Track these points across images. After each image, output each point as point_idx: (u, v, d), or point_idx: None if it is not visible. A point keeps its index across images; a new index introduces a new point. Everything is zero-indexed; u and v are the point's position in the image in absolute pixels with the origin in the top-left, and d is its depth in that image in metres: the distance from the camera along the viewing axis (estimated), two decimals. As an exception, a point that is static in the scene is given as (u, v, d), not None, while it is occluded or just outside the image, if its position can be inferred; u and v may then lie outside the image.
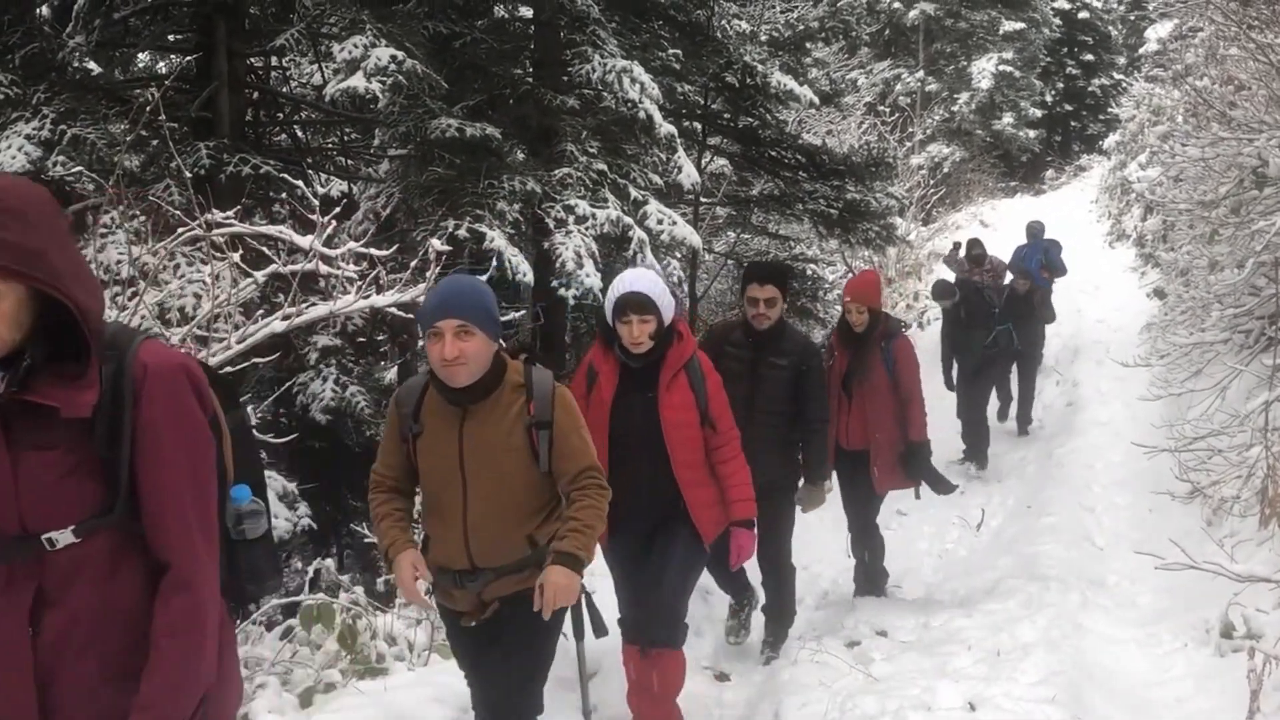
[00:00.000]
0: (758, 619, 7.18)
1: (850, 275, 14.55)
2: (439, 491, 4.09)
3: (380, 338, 11.09)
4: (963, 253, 15.59)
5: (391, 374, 15.65)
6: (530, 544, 4.07)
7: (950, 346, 12.73)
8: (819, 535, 9.68)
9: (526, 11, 11.70)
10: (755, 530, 5.48)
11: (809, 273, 16.70)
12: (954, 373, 12.76)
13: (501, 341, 4.03)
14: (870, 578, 8.00)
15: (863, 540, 7.92)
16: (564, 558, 3.91)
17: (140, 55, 12.65)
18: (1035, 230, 15.86)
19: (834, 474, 7.59)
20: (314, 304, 6.80)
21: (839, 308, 18.42)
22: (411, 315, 6.94)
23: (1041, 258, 14.99)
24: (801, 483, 6.78)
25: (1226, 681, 5.66)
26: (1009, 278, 15.04)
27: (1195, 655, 6.24)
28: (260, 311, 7.44)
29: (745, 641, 7.09)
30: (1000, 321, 13.00)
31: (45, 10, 10.25)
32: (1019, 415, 13.74)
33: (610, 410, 5.18)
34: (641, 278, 5.15)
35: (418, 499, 4.38)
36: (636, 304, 5.03)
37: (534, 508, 4.08)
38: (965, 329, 12.46)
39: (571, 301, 9.71)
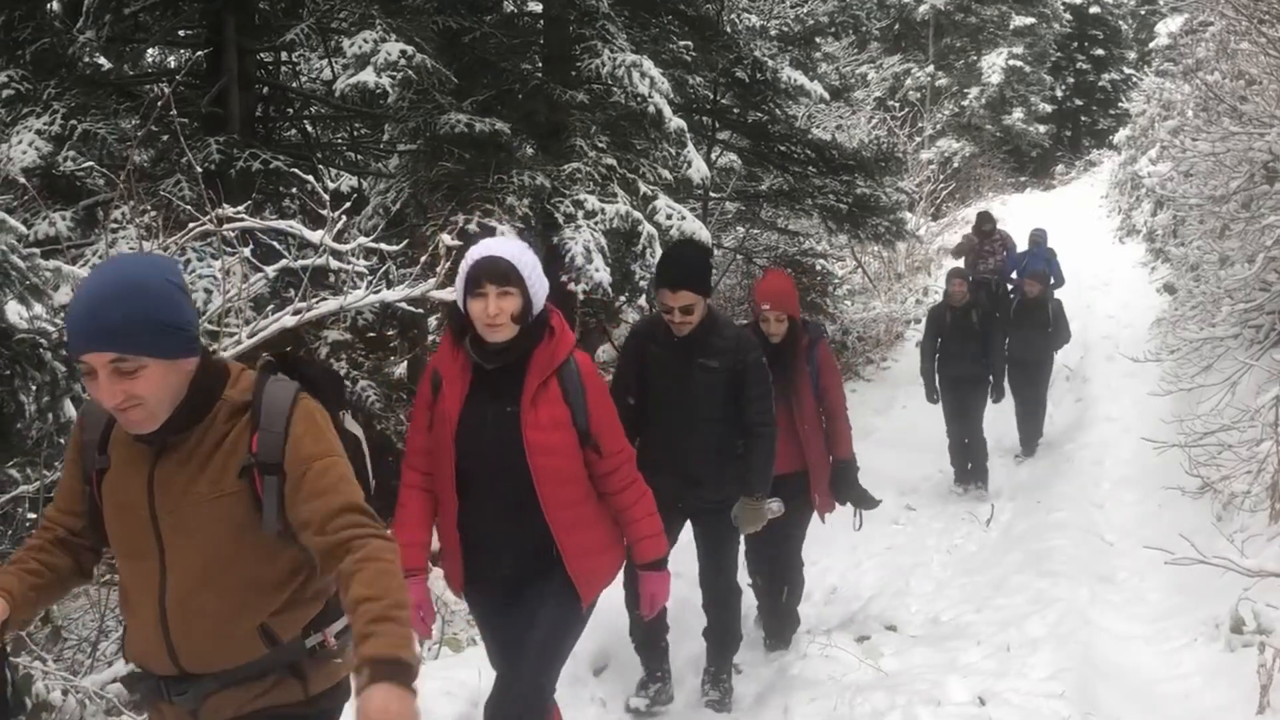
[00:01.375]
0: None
1: (764, 276, 13.50)
2: (128, 560, 2.83)
3: (390, 332, 11.08)
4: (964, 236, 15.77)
5: (401, 368, 15.66)
6: (266, 639, 2.79)
7: (933, 353, 11.32)
8: (828, 530, 9.68)
9: (535, 6, 11.69)
10: (667, 570, 4.43)
11: (818, 268, 16.68)
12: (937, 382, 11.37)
13: (213, 346, 3.07)
14: (782, 619, 6.89)
15: (782, 575, 6.80)
16: (384, 668, 2.40)
17: (150, 50, 12.66)
18: (1038, 238, 15.67)
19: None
20: (324, 299, 6.80)
21: (848, 304, 18.55)
22: (422, 310, 6.97)
23: (1044, 267, 14.35)
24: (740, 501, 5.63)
25: (1236, 676, 5.66)
26: (998, 281, 14.96)
27: (1205, 650, 6.24)
28: (271, 306, 7.45)
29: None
30: (1010, 328, 12.30)
31: (55, 6, 10.25)
32: (1023, 436, 12.64)
33: (455, 428, 3.99)
34: (506, 244, 4.02)
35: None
36: (495, 272, 3.84)
37: (268, 584, 2.80)
38: (959, 336, 11.11)
39: (581, 296, 9.71)
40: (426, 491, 4.11)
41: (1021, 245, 16.39)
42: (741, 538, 5.92)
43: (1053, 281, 13.97)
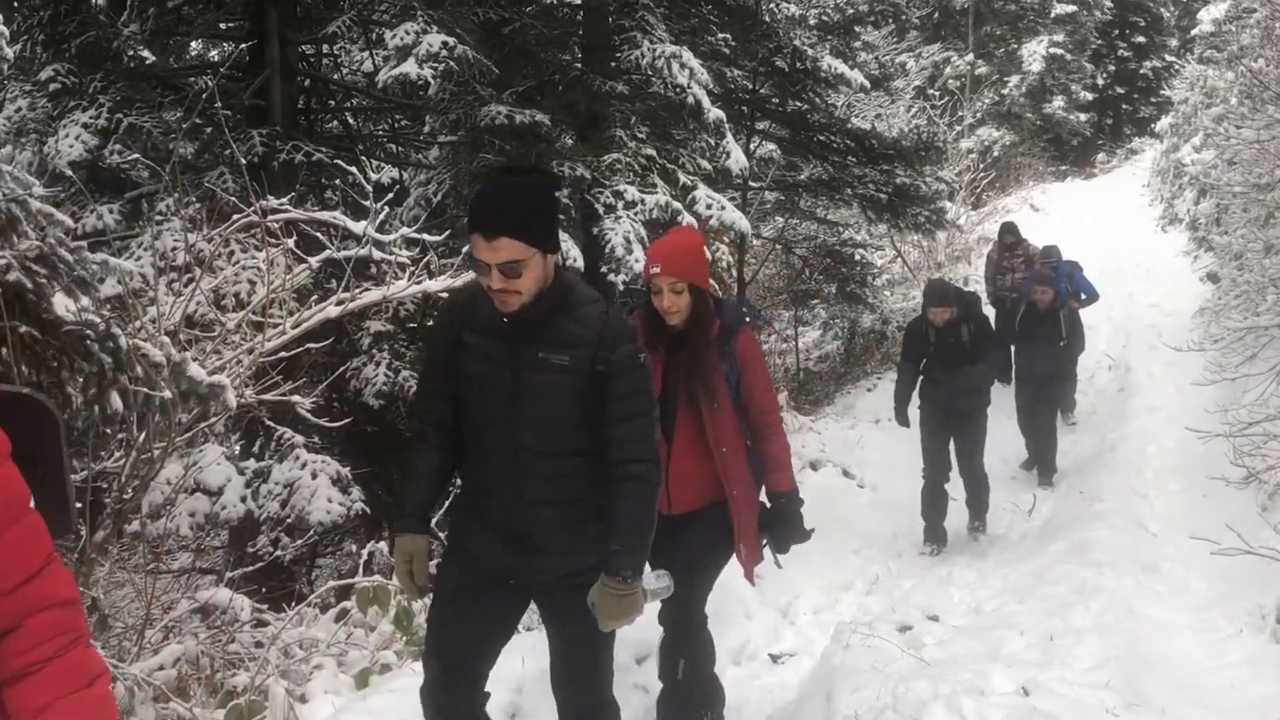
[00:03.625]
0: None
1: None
2: None
3: (431, 322, 11.14)
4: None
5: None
6: None
7: (913, 378, 9.35)
8: (867, 518, 9.69)
9: (575, -3, 11.72)
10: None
11: (858, 258, 16.64)
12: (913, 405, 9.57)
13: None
14: (687, 698, 5.02)
15: (679, 644, 4.96)
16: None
17: (193, 43, 12.77)
18: (1050, 253, 13.77)
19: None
20: (367, 289, 6.85)
21: (888, 294, 18.46)
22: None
23: (1066, 285, 12.81)
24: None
25: (1283, 667, 5.63)
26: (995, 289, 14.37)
27: (1250, 641, 6.21)
28: (314, 297, 7.51)
29: None
30: (1017, 341, 11.54)
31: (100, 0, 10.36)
32: (1039, 462, 11.44)
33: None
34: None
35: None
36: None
37: None
38: (946, 356, 9.11)
39: (620, 287, 9.73)
40: None
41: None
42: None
43: (1084, 297, 13.01)
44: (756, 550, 4.92)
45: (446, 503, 4.79)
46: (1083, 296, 12.98)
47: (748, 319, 4.95)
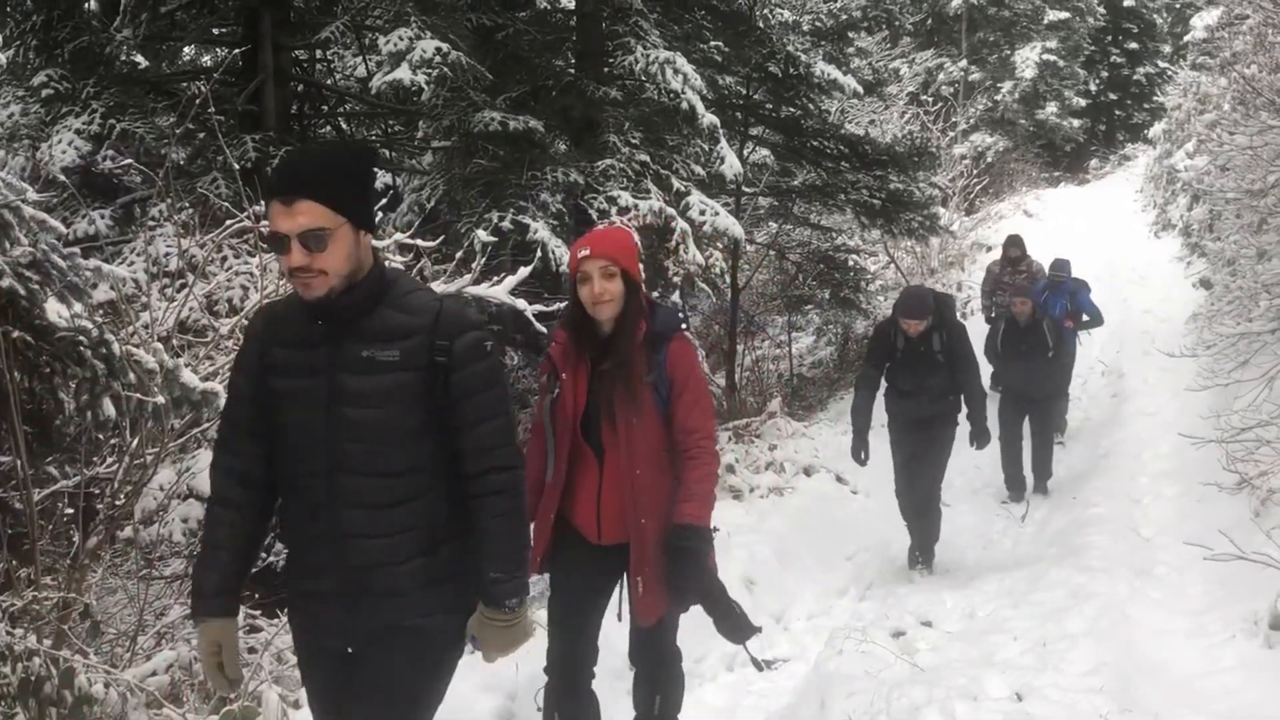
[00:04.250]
0: None
1: None
2: None
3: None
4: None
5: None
6: None
7: (873, 388, 8.65)
8: (860, 524, 9.69)
9: (568, 3, 11.71)
10: None
11: (851, 264, 16.64)
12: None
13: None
14: None
15: (653, 682, 4.58)
16: None
17: (186, 49, 12.75)
18: (1061, 266, 12.93)
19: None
20: (360, 295, 6.83)
21: (882, 299, 18.44)
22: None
23: (1068, 303, 12.65)
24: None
25: (1276, 672, 5.63)
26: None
27: (1244, 646, 6.20)
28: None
29: None
30: (1000, 359, 11.08)
31: (93, 5, 10.35)
32: (1035, 469, 11.12)
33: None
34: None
35: None
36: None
37: None
38: (914, 366, 8.41)
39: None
40: None
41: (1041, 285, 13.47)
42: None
43: (1086, 319, 12.68)
44: (660, 594, 4.22)
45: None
46: (1084, 318, 12.64)
47: (684, 325, 4.37)
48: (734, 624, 4.36)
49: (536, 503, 4.24)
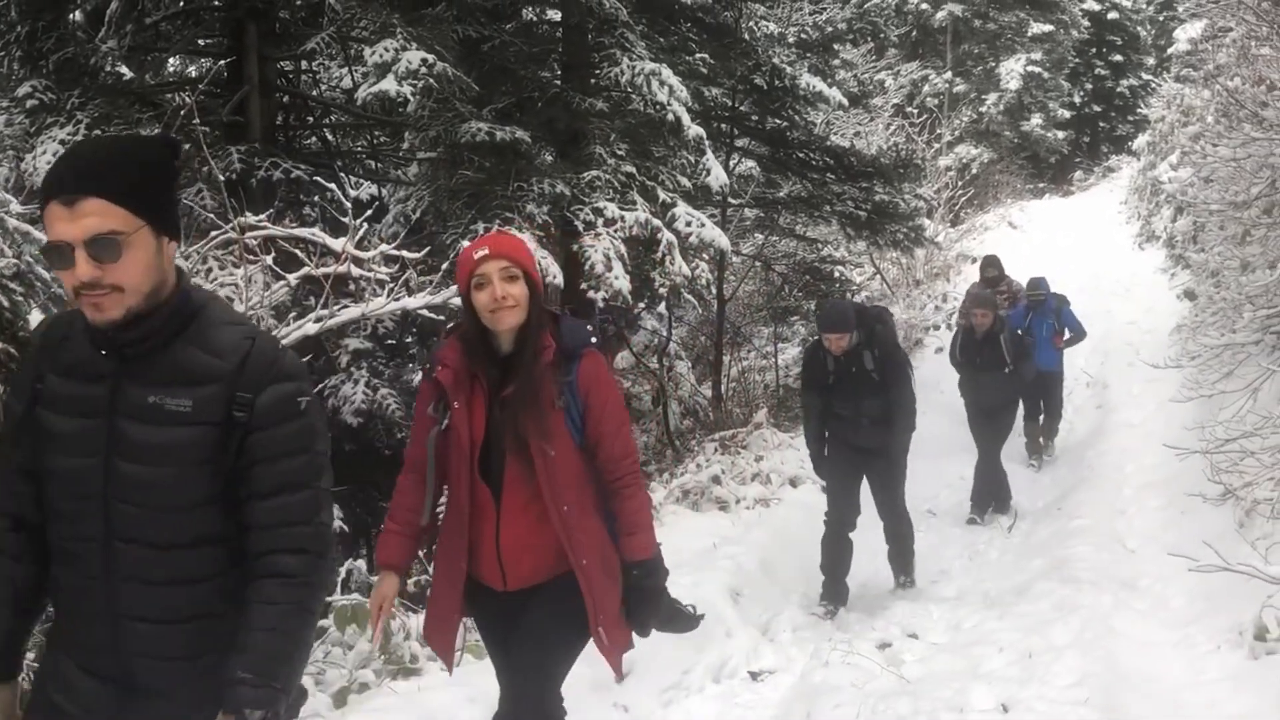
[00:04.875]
0: None
1: None
2: None
3: (409, 340, 11.13)
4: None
5: (419, 377, 15.67)
6: None
7: (816, 407, 8.09)
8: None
9: (555, 15, 11.73)
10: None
11: (837, 275, 16.68)
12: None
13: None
14: None
15: None
16: None
17: (171, 60, 12.74)
18: (1038, 285, 12.59)
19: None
20: (346, 306, 6.83)
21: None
22: (442, 318, 6.93)
23: (1054, 321, 12.44)
24: None
25: (1262, 684, 5.63)
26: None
27: (1229, 658, 6.21)
28: (293, 314, 7.48)
29: None
30: (960, 369, 10.75)
31: (78, 16, 10.33)
32: (986, 500, 10.65)
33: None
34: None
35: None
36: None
37: None
38: (847, 387, 7.79)
39: (600, 304, 9.72)
40: None
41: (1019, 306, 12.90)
42: None
43: (1068, 335, 12.55)
44: (622, 632, 3.88)
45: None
46: (1067, 335, 12.55)
47: (594, 340, 3.82)
48: (681, 624, 4.11)
49: (409, 550, 3.90)
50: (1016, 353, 10.52)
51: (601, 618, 3.75)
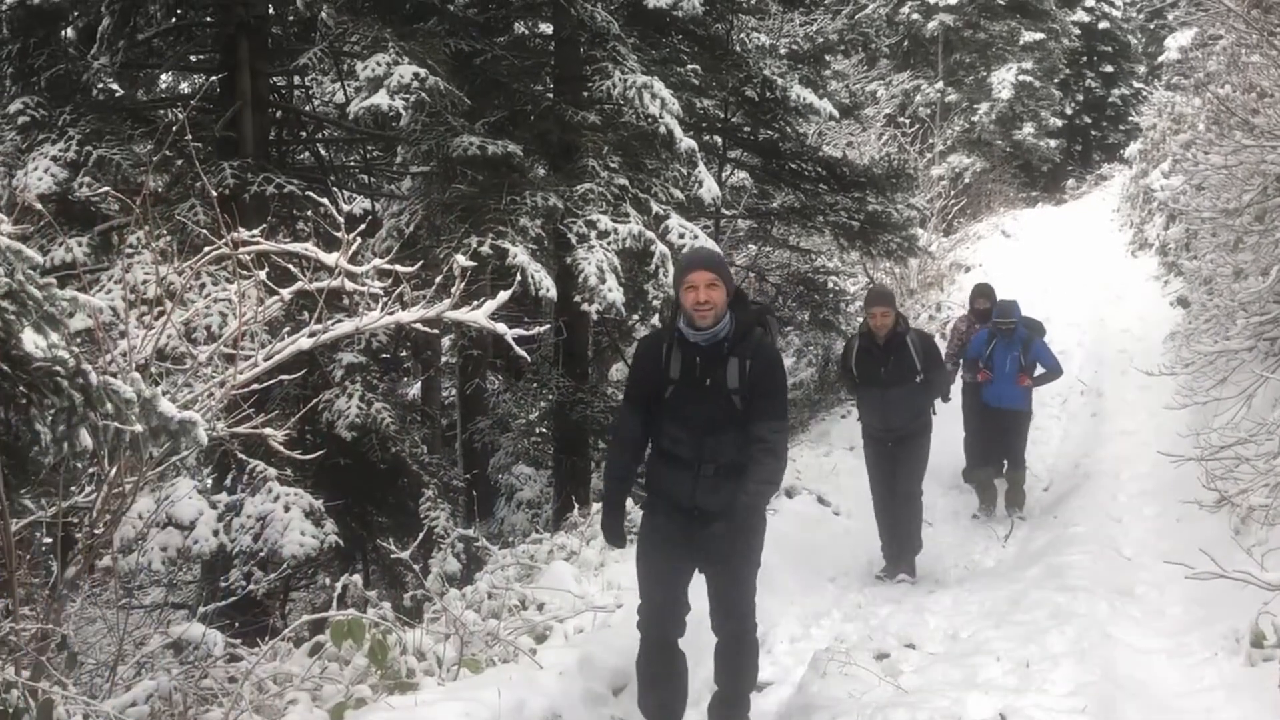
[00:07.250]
0: None
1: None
2: None
3: (403, 354, 11.12)
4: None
5: (415, 390, 15.65)
6: None
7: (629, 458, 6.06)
8: (842, 545, 9.68)
9: (546, 28, 11.76)
10: None
11: (830, 285, 16.69)
12: None
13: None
14: None
15: None
16: None
17: (164, 76, 12.75)
18: (1007, 310, 10.62)
19: None
20: (340, 321, 6.82)
21: (860, 320, 18.41)
22: (436, 332, 6.93)
23: (1020, 355, 10.60)
24: None
25: (1259, 691, 5.63)
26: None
27: (1226, 665, 6.21)
28: (286, 329, 7.48)
29: None
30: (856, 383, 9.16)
31: (70, 32, 10.33)
32: (893, 549, 9.09)
33: None
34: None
35: None
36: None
37: None
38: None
39: (594, 316, 9.73)
40: None
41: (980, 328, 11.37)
42: None
43: (1039, 372, 10.80)
44: None
45: None
46: (1038, 371, 10.83)
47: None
48: None
49: None
50: (929, 359, 8.87)
51: None
